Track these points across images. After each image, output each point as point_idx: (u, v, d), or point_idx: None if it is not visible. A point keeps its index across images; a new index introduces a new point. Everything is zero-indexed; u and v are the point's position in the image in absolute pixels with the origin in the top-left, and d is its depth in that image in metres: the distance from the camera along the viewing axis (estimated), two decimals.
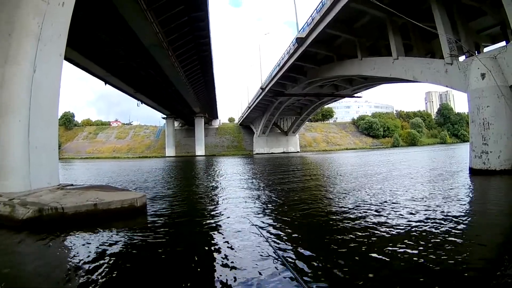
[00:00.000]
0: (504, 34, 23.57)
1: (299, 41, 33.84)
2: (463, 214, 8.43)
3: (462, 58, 20.07)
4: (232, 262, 5.34)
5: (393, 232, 6.75)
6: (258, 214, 9.15)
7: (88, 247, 6.34)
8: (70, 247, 6.46)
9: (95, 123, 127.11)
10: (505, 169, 15.99)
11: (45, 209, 7.97)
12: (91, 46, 29.95)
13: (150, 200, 11.53)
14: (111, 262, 5.54)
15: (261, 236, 6.71)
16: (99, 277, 4.84)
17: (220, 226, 8.10)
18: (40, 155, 9.87)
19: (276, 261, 5.27)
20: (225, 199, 12.52)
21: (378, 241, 6.27)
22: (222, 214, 9.54)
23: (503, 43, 23.12)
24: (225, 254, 5.80)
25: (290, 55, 38.98)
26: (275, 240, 6.46)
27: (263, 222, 8.02)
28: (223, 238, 6.96)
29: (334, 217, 8.36)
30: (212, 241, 6.84)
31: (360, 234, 6.72)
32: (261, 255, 5.61)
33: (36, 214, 7.83)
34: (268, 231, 7.14)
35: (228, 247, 6.27)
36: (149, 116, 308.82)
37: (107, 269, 5.18)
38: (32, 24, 9.63)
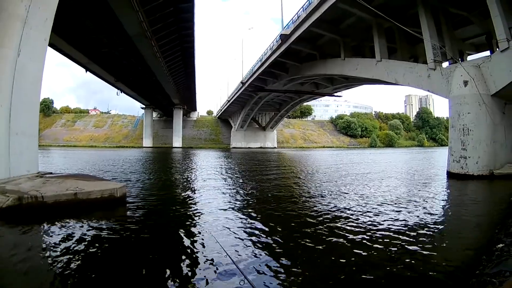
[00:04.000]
0: (489, 44, 23.99)
1: (283, 37, 33.76)
2: (440, 215, 8.74)
3: (445, 64, 20.43)
4: (203, 253, 5.48)
5: (369, 233, 6.81)
6: (231, 207, 9.28)
7: (69, 237, 6.28)
8: (50, 238, 6.35)
9: (73, 111, 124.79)
10: (482, 175, 16.45)
11: (25, 198, 7.87)
12: (74, 32, 29.33)
13: (129, 191, 11.48)
14: (91, 252, 5.56)
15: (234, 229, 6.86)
16: (79, 268, 4.84)
17: (196, 216, 8.34)
18: (20, 141, 9.66)
19: (250, 250, 5.47)
20: (201, 189, 12.92)
21: (348, 241, 6.32)
22: (198, 205, 9.90)
23: (487, 53, 23.57)
24: (198, 245, 5.97)
25: (273, 51, 38.95)
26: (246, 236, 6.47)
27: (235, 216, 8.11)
28: (197, 227, 7.25)
29: (316, 222, 8.32)
30: (187, 231, 7.02)
31: (333, 235, 6.74)
32: (235, 247, 5.78)
33: (15, 202, 7.73)
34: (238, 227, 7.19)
35: (202, 236, 6.50)
36: (129, 106, 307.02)
37: (86, 260, 5.21)
38: (19, 7, 9.37)
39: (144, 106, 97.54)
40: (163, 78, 50.46)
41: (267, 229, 6.95)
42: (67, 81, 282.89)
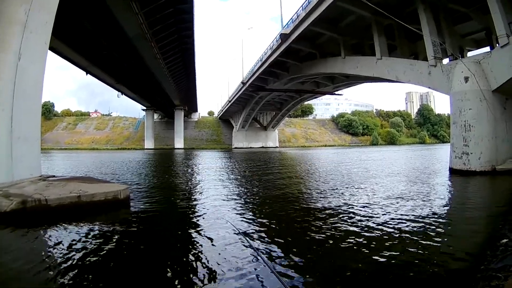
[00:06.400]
0: (488, 39, 24.08)
1: (283, 37, 33.81)
2: (443, 211, 8.81)
3: (445, 61, 20.45)
4: (209, 257, 5.41)
5: (375, 230, 6.84)
6: (235, 210, 9.24)
7: (73, 241, 6.25)
8: (54, 241, 6.31)
9: (74, 114, 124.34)
10: (485, 170, 16.48)
11: (29, 201, 7.88)
12: (74, 35, 29.28)
13: (132, 192, 11.46)
14: (94, 256, 5.53)
15: (238, 233, 6.73)
16: (81, 273, 4.82)
17: (199, 218, 8.30)
18: (23, 145, 9.66)
19: (252, 255, 5.36)
20: (205, 191, 12.81)
21: (358, 236, 6.35)
22: (202, 206, 9.81)
23: (487, 48, 23.69)
24: (203, 248, 5.91)
25: (273, 51, 38.94)
26: (252, 236, 6.49)
27: (239, 219, 8.07)
28: (202, 230, 7.12)
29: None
30: (192, 234, 6.96)
31: (341, 230, 6.80)
32: (238, 250, 5.71)
33: (19, 206, 7.73)
34: (244, 227, 7.22)
35: (206, 239, 6.39)
36: (130, 108, 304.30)
37: (89, 264, 5.18)
38: (19, 11, 9.39)
39: (145, 108, 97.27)
40: (163, 80, 50.50)
41: (272, 233, 6.83)
42: (67, 84, 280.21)
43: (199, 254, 5.59)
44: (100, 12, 24.06)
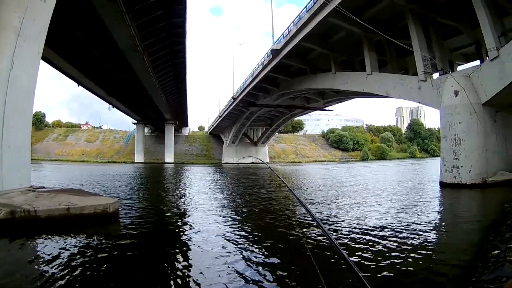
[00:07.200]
0: (478, 53, 24.53)
1: (274, 52, 33.97)
2: (435, 224, 8.90)
3: (435, 76, 20.71)
4: (199, 274, 5.35)
5: (367, 244, 6.87)
6: (223, 226, 9.13)
7: (59, 253, 6.24)
8: (41, 253, 6.35)
9: (65, 125, 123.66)
10: (475, 183, 16.65)
11: (18, 211, 7.86)
12: (67, 45, 29.15)
13: (122, 206, 11.43)
14: (80, 269, 5.50)
15: (226, 248, 6.77)
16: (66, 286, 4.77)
17: (188, 235, 8.25)
18: (13, 155, 9.58)
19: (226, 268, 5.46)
20: (194, 207, 12.76)
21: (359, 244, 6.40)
22: (192, 223, 9.77)
23: (477, 62, 24.04)
24: (191, 264, 5.91)
25: (264, 66, 39.05)
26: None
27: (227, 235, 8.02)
28: (192, 246, 7.13)
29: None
30: (180, 250, 6.95)
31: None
32: (229, 267, 5.67)
33: (8, 216, 7.71)
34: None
35: (193, 255, 6.44)
36: (120, 121, 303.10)
37: (74, 277, 5.12)
38: (13, 19, 9.38)
39: (135, 121, 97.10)
40: (154, 93, 50.27)
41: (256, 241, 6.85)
42: (60, 94, 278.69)
43: (186, 270, 5.56)
44: (93, 22, 24.02)
